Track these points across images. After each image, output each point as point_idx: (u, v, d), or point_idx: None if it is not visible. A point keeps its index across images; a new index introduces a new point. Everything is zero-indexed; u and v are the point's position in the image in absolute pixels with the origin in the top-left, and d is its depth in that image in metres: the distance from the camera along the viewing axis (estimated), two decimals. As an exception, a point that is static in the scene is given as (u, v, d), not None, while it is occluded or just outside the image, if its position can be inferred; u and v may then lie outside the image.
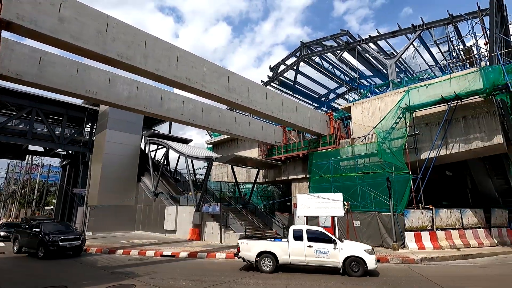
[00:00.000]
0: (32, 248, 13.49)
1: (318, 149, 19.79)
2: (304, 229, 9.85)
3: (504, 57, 14.61)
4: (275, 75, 29.19)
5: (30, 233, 13.69)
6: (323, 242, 9.47)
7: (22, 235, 14.25)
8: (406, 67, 27.25)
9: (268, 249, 9.55)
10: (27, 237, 13.83)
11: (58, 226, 14.58)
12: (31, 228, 13.95)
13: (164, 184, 25.97)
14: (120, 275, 9.34)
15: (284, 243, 9.63)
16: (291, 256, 9.38)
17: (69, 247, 13.03)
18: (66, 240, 12.96)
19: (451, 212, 15.59)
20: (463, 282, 8.42)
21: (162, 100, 15.59)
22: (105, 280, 8.52)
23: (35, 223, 14.21)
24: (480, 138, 14.41)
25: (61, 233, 13.23)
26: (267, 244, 9.71)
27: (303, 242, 9.52)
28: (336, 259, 9.18)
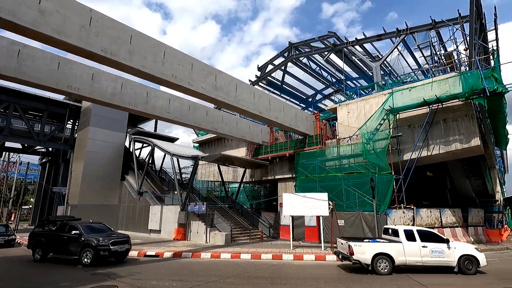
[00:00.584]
0: (67, 254, 11.55)
1: (304, 149, 19.99)
2: (414, 230, 9.88)
3: (482, 63, 15.22)
4: (263, 74, 29.24)
5: (63, 236, 11.64)
6: (436, 242, 9.59)
7: (49, 239, 11.95)
8: (391, 70, 27.89)
9: (384, 251, 9.36)
10: (58, 240, 11.70)
11: (95, 227, 12.53)
12: (63, 230, 11.92)
13: (149, 183, 25.53)
14: (101, 276, 9.10)
15: (397, 244, 9.54)
16: (407, 257, 9.33)
17: (120, 252, 11.39)
18: (117, 244, 11.27)
19: (431, 211, 16.12)
20: (440, 279, 8.71)
21: (147, 98, 15.31)
22: (86, 282, 8.29)
23: (68, 224, 12.11)
24: (459, 140, 14.96)
25: (105, 235, 11.52)
26: (382, 246, 9.53)
27: (416, 243, 9.49)
28: (451, 258, 9.33)
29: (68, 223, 12.35)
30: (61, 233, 11.90)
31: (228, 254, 12.88)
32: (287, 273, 9.84)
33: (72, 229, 11.68)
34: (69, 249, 11.42)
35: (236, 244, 16.21)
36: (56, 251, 11.89)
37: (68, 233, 11.63)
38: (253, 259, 12.32)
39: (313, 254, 12.55)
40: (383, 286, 7.90)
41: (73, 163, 24.60)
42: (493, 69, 13.95)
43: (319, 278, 8.93)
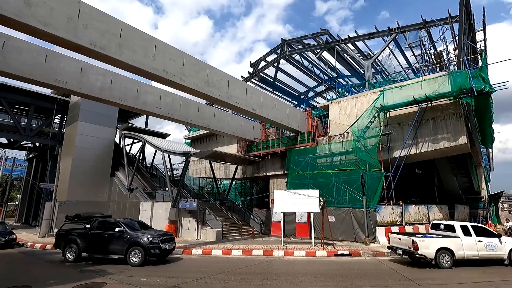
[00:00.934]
0: (109, 253, 10.77)
1: (296, 146, 20.07)
2: (469, 225, 10.40)
3: (471, 63, 15.52)
4: (256, 71, 29.15)
5: (103, 233, 10.95)
6: (488, 237, 10.17)
7: (84, 237, 11.11)
8: (382, 68, 28.20)
9: (445, 246, 9.81)
10: (97, 239, 10.95)
11: (136, 224, 11.90)
12: (101, 227, 11.25)
13: (139, 180, 25.24)
14: (90, 273, 8.99)
15: (456, 239, 10.03)
16: (465, 251, 9.83)
17: (168, 250, 10.98)
18: (166, 241, 10.78)
19: (419, 208, 16.47)
20: (426, 272, 8.93)
21: (138, 93, 15.07)
22: (73, 279, 8.17)
23: (107, 221, 11.53)
24: (447, 139, 15.27)
25: (153, 233, 11.03)
26: (444, 241, 9.96)
27: (472, 237, 10.03)
28: (502, 252, 9.98)
29: (106, 219, 11.73)
30: (99, 230, 11.09)
31: (219, 251, 12.89)
32: (278, 269, 9.92)
33: (114, 226, 11.00)
34: (113, 247, 10.66)
35: (227, 241, 16.23)
36: (95, 250, 10.99)
37: (109, 230, 10.90)
38: (244, 255, 12.37)
39: (303, 250, 12.67)
40: (382, 281, 8.04)
41: (61, 158, 24.06)
42: (480, 69, 14.23)
43: (310, 274, 9.04)
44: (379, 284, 7.68)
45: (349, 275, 8.78)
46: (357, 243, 14.61)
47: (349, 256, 11.95)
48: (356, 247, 13.36)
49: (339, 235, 15.46)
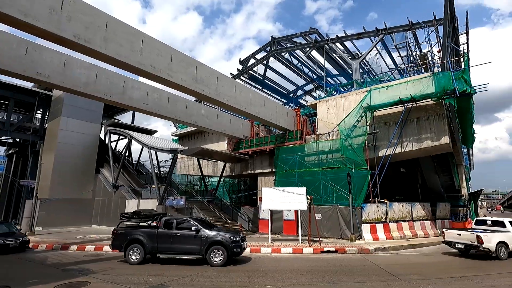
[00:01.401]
0: (184, 253, 9.97)
1: (284, 144, 20.17)
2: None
3: (454, 65, 15.97)
4: (245, 68, 29.04)
5: (174, 233, 10.17)
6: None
7: (151, 237, 10.26)
8: (369, 68, 28.64)
9: (503, 240, 10.69)
10: (168, 238, 10.13)
11: (205, 221, 11.45)
12: (169, 225, 10.41)
13: (125, 177, 24.78)
14: (73, 272, 8.76)
15: (508, 233, 11.03)
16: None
17: (243, 249, 10.38)
18: (244, 240, 10.43)
19: (402, 205, 16.88)
20: (409, 269, 9.18)
21: (124, 88, 14.75)
22: (55, 278, 7.94)
23: (176, 219, 10.69)
24: (430, 138, 15.69)
25: (228, 232, 10.65)
26: (501, 236, 10.82)
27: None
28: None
29: (175, 217, 10.92)
30: (167, 229, 10.35)
31: (207, 248, 12.80)
32: (265, 265, 9.96)
33: (187, 224, 10.40)
34: (188, 247, 9.99)
35: (214, 238, 16.13)
36: (166, 251, 10.15)
37: (181, 229, 10.28)
38: (232, 253, 12.34)
39: (290, 247, 12.78)
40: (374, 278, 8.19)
41: (43, 154, 23.26)
42: (463, 71, 14.67)
43: (296, 271, 9.12)
44: (363, 280, 7.84)
45: (335, 271, 8.92)
46: (343, 240, 14.85)
47: (335, 253, 12.14)
48: (342, 244, 13.58)
49: (325, 232, 15.67)
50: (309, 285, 7.43)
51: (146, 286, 7.29)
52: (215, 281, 7.79)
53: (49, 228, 20.49)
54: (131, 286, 7.20)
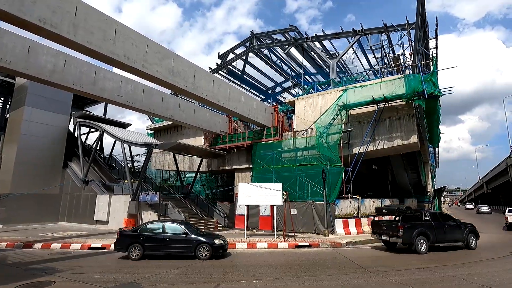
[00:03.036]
0: (451, 241, 11.85)
1: (262, 140, 20.25)
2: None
3: (424, 68, 16.78)
4: (224, 63, 28.71)
5: (444, 224, 11.80)
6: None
7: (431, 229, 11.25)
8: (346, 68, 29.40)
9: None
10: (443, 229, 11.53)
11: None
12: (436, 218, 12.02)
13: (96, 171, 23.71)
14: (36, 271, 8.28)
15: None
16: None
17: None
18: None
19: (373, 201, 17.62)
20: (377, 261, 9.63)
21: (96, 78, 14.04)
22: (16, 278, 7.45)
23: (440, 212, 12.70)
24: (400, 137, 16.44)
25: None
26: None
27: None
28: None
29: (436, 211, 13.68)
30: (436, 221, 11.66)
31: (181, 244, 12.61)
32: (240, 261, 10.00)
33: (447, 217, 12.46)
34: (456, 236, 11.79)
35: (189, 234, 15.94)
36: (441, 240, 11.49)
37: (444, 221, 12.00)
38: (207, 249, 12.25)
39: (266, 242, 12.92)
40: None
41: (4, 146, 21.75)
42: (431, 74, 15.47)
43: (270, 265, 9.24)
44: (334, 272, 8.10)
45: (308, 265, 9.14)
46: (317, 234, 15.24)
47: (309, 247, 12.43)
48: (316, 238, 13.94)
49: (300, 227, 16.00)
50: (283, 278, 7.56)
51: (116, 284, 7.06)
52: (188, 277, 7.70)
53: (11, 225, 19.19)
54: (99, 285, 6.93)
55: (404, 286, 6.69)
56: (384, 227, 11.60)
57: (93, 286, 6.86)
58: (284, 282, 7.24)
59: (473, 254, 10.89)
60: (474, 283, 6.89)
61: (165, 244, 10.25)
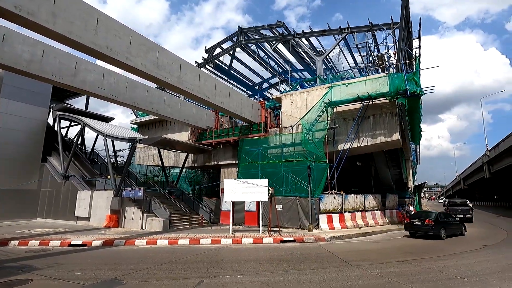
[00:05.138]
0: None
1: (248, 136, 20.22)
2: None
3: (407, 67, 17.19)
4: (211, 57, 28.37)
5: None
6: None
7: None
8: (332, 65, 29.72)
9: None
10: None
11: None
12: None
13: (77, 166, 23.02)
14: (12, 269, 7.97)
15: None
16: None
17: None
18: None
19: (357, 197, 18.00)
20: (359, 255, 9.88)
21: (76, 70, 13.54)
22: (-10, 277, 7.15)
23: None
24: (383, 134, 16.84)
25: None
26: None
27: None
28: None
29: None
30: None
31: (166, 240, 12.50)
32: (225, 256, 10.00)
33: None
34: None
35: (174, 230, 15.82)
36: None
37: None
38: (192, 245, 12.20)
39: (251, 238, 12.98)
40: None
41: (-22, 140, 20.68)
42: (414, 74, 15.85)
43: (255, 260, 9.30)
44: (318, 266, 8.25)
45: (292, 259, 9.26)
46: (301, 229, 15.45)
47: (294, 242, 12.60)
48: (301, 233, 14.13)
49: (285, 223, 16.16)
50: (267, 273, 7.63)
51: (97, 281, 6.90)
52: (172, 273, 7.63)
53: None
54: (80, 282, 6.76)
55: (383, 278, 6.90)
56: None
57: (73, 283, 6.68)
58: (268, 276, 7.31)
59: (449, 247, 11.37)
60: (449, 275, 7.20)
61: None
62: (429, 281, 6.70)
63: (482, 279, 6.84)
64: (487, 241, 12.83)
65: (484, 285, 6.37)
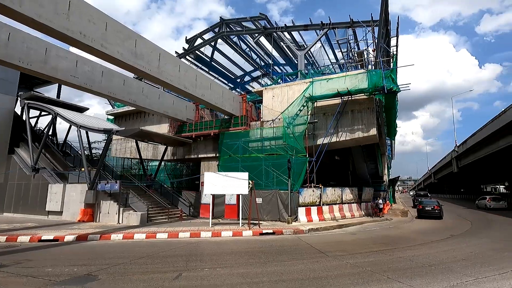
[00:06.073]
0: None
1: (229, 129, 20.10)
2: None
3: (385, 64, 17.69)
4: (191, 48, 27.73)
5: None
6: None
7: None
8: (314, 60, 29.99)
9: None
10: None
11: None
12: None
13: (48, 158, 21.90)
14: (-25, 267, 7.49)
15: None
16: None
17: None
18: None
19: (335, 190, 18.49)
20: (335, 246, 10.19)
21: (47, 56, 12.77)
22: (-50, 275, 6.69)
23: None
24: (361, 129, 17.30)
25: None
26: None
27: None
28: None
29: None
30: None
31: (143, 235, 12.25)
32: (204, 249, 9.97)
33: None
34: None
35: (152, 224, 15.54)
36: None
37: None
38: (170, 238, 12.05)
39: (230, 230, 13.01)
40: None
41: None
42: (391, 71, 16.37)
43: (234, 253, 9.34)
44: (296, 258, 8.43)
45: (271, 251, 9.39)
46: (281, 222, 15.68)
47: (273, 234, 12.77)
48: (280, 226, 14.35)
49: (265, 216, 16.33)
50: (246, 265, 7.69)
51: (69, 277, 6.64)
52: (150, 267, 7.50)
53: None
54: (51, 279, 6.47)
55: (358, 268, 7.17)
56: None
57: (43, 280, 6.39)
58: (247, 268, 7.37)
59: (419, 237, 12.00)
60: (418, 263, 7.61)
61: None
62: (400, 269, 7.04)
63: (448, 266, 7.27)
64: (454, 231, 13.65)
65: (449, 272, 6.78)
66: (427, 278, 6.29)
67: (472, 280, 6.16)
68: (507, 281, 6.10)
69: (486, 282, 6.00)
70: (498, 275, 6.50)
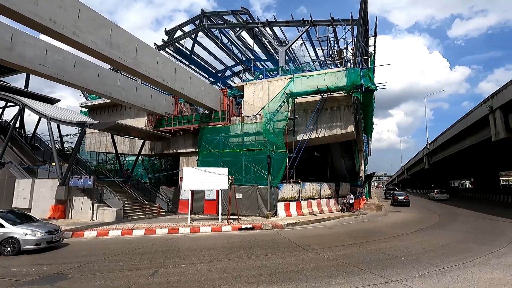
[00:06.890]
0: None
1: (209, 124, 19.86)
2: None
3: (363, 63, 18.13)
4: (171, 40, 26.98)
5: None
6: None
7: None
8: (295, 57, 30.17)
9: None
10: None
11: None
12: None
13: (14, 152, 20.63)
14: None
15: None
16: None
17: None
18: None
19: (313, 185, 18.85)
20: (313, 240, 10.43)
21: (12, 43, 11.90)
22: None
23: None
24: (339, 126, 17.69)
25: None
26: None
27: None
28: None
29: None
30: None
31: (119, 231, 11.91)
32: (182, 245, 9.86)
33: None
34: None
35: (129, 220, 15.13)
36: None
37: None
38: (147, 235, 11.80)
39: (209, 226, 12.93)
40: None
41: None
42: (369, 70, 16.78)
43: (213, 248, 9.32)
44: (274, 252, 8.54)
45: (250, 246, 9.45)
46: (260, 217, 15.79)
47: (252, 229, 12.84)
48: (259, 221, 14.45)
49: (245, 211, 16.37)
50: (225, 260, 7.68)
51: (38, 276, 6.33)
52: (125, 264, 7.31)
53: None
54: (17, 278, 6.14)
55: (334, 261, 7.38)
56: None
57: (8, 280, 6.05)
58: (225, 263, 7.37)
59: (391, 230, 12.54)
60: (390, 255, 7.95)
61: None
62: (373, 261, 7.32)
63: (417, 258, 7.66)
64: (423, 224, 14.39)
65: (418, 263, 7.14)
66: (397, 269, 6.59)
67: (439, 269, 6.53)
68: (469, 269, 6.53)
69: (450, 271, 6.38)
70: (461, 264, 6.93)
